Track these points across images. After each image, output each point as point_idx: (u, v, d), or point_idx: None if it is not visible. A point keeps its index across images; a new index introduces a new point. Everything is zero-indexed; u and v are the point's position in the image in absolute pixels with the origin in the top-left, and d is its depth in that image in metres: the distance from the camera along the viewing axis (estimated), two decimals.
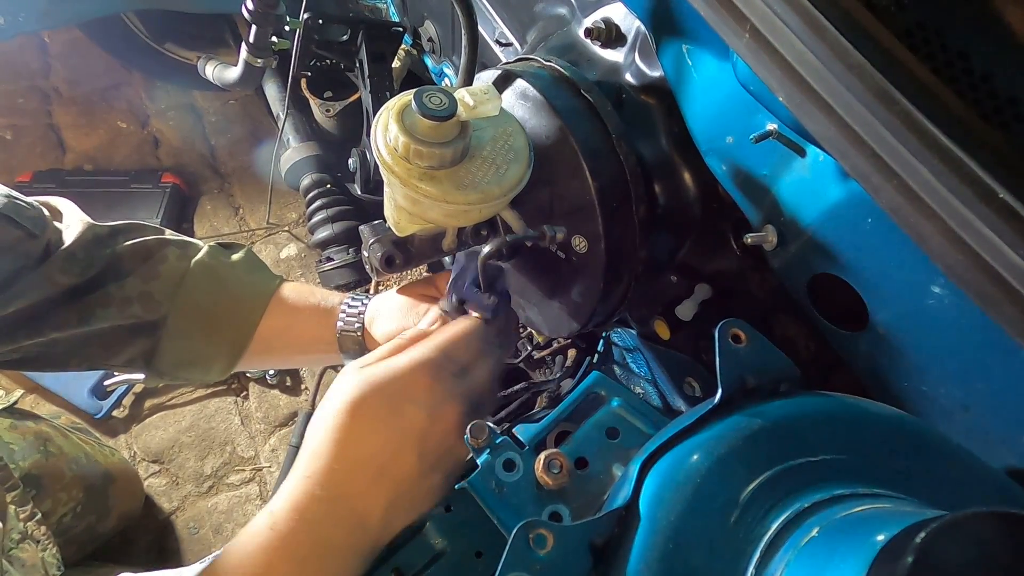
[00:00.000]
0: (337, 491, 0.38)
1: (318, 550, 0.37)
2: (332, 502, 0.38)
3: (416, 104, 0.42)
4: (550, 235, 0.49)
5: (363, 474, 0.38)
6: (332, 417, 0.40)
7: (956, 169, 0.24)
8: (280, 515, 0.38)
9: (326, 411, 0.40)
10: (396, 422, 0.39)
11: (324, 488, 0.38)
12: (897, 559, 0.22)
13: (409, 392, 0.40)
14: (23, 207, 0.52)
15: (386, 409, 0.39)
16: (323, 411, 0.41)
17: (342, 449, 0.39)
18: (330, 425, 0.39)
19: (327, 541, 0.37)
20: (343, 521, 0.38)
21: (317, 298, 0.61)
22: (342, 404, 0.40)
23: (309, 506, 0.38)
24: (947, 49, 0.29)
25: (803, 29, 0.28)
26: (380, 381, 0.40)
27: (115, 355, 0.57)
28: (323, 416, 0.40)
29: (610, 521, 0.30)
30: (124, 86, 1.66)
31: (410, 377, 0.41)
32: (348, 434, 0.39)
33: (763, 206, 0.44)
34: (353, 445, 0.39)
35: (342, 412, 0.39)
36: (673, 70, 0.48)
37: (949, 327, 0.34)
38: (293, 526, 0.37)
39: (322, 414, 0.41)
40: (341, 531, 0.38)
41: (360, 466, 0.39)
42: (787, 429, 0.32)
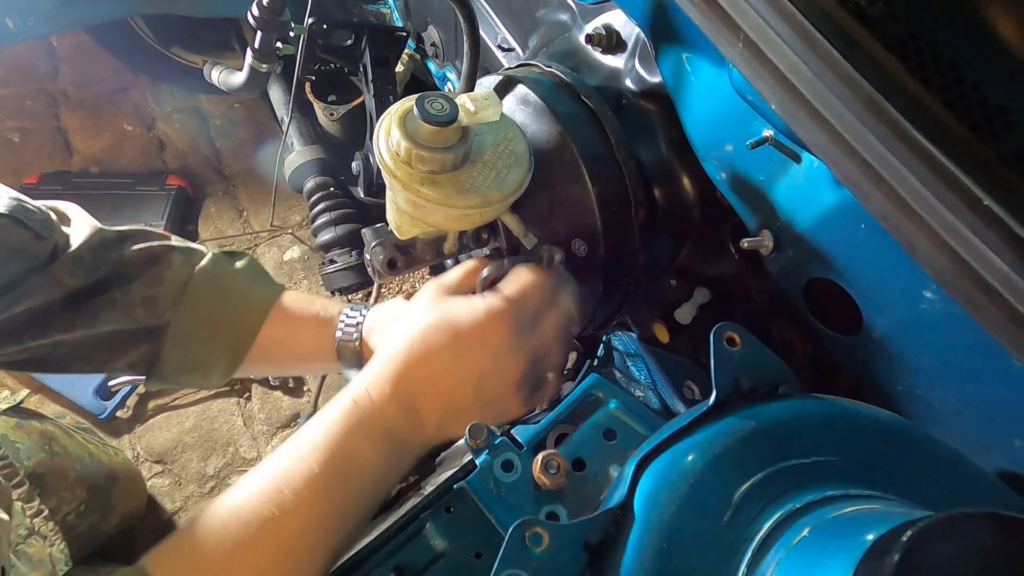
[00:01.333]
0: (406, 392, 0.45)
1: (390, 437, 0.44)
2: (400, 398, 0.45)
3: (418, 109, 0.43)
4: (547, 256, 0.51)
5: (428, 387, 0.45)
6: (410, 333, 0.46)
7: (943, 177, 0.25)
8: (362, 402, 0.44)
9: (405, 328, 0.47)
10: (463, 360, 0.45)
11: (397, 389, 0.45)
12: (884, 557, 0.22)
13: (481, 338, 0.45)
14: (31, 210, 0.53)
15: (458, 346, 0.45)
16: (401, 327, 0.47)
17: (414, 361, 0.45)
18: (407, 339, 0.46)
19: (396, 431, 0.44)
20: (410, 420, 0.45)
21: (317, 308, 0.62)
22: (421, 325, 0.46)
23: (385, 401, 0.44)
24: (938, 59, 0.30)
25: (795, 39, 0.28)
26: (458, 321, 0.46)
27: (118, 359, 0.58)
28: (403, 329, 0.47)
29: (605, 520, 0.31)
30: (130, 89, 1.67)
31: (485, 325, 0.46)
32: (420, 353, 0.45)
33: (760, 211, 0.45)
34: (424, 361, 0.45)
35: (419, 332, 0.46)
36: (672, 77, 0.49)
37: (941, 332, 0.35)
38: (372, 412, 0.44)
39: (404, 327, 0.47)
40: (407, 427, 0.45)
41: (427, 382, 0.45)
42: (780, 431, 0.32)
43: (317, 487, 0.41)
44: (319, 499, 0.41)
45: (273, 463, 0.43)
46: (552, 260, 0.51)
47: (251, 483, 0.42)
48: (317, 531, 0.41)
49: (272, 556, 0.40)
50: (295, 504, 0.40)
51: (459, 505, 0.47)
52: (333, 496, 0.42)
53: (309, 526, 0.41)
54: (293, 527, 0.40)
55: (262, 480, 0.42)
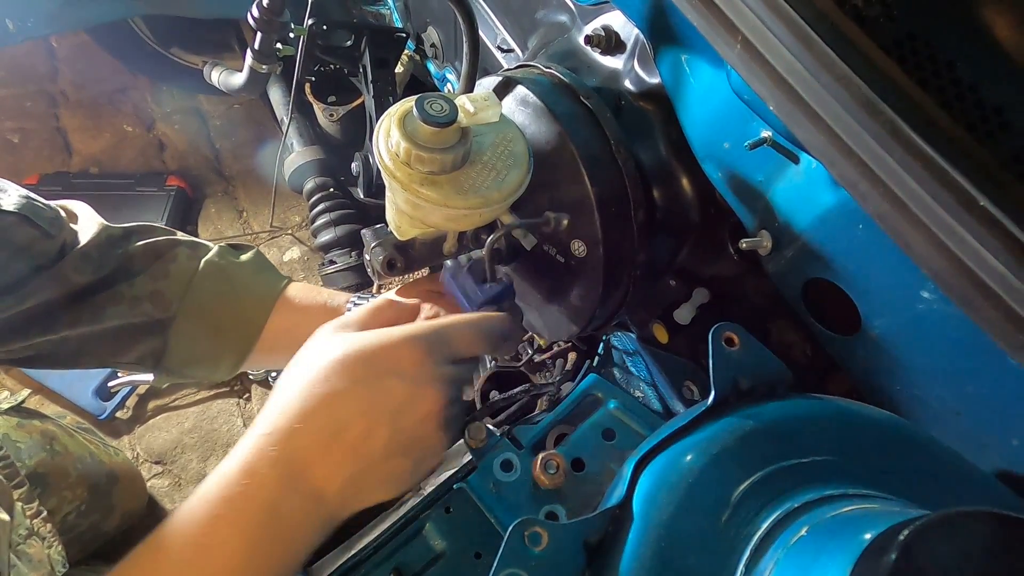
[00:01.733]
0: (294, 455, 0.35)
1: (267, 519, 0.34)
2: (287, 466, 0.35)
3: (417, 110, 0.43)
4: (554, 219, 0.48)
5: (327, 441, 0.35)
6: (305, 375, 0.36)
7: (939, 177, 0.25)
8: (231, 476, 0.35)
9: (300, 368, 0.37)
10: (374, 393, 0.36)
11: (281, 450, 0.35)
12: (881, 556, 0.22)
13: (396, 364, 0.37)
14: (40, 208, 0.53)
15: (368, 377, 0.36)
16: (296, 368, 0.38)
17: (309, 410, 0.35)
18: (302, 383, 0.36)
19: (277, 510, 0.35)
20: (297, 490, 0.35)
21: (323, 297, 0.62)
22: (320, 363, 0.37)
23: (262, 468, 0.35)
24: (935, 60, 0.30)
25: (792, 41, 0.28)
26: (368, 346, 0.37)
27: (125, 353, 0.58)
28: (295, 373, 0.37)
29: (604, 519, 0.31)
30: (130, 90, 1.67)
31: (401, 349, 0.37)
32: (319, 396, 0.36)
33: (758, 212, 0.45)
34: (322, 408, 0.35)
35: (318, 371, 0.36)
36: (671, 78, 0.49)
37: (939, 332, 0.35)
38: (242, 490, 0.34)
39: (295, 371, 0.38)
40: (294, 500, 0.35)
41: (325, 432, 0.35)
42: (779, 431, 0.33)
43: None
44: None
45: (139, 552, 0.36)
46: (560, 225, 0.49)
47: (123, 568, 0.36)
48: None
49: None
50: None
51: (458, 505, 0.47)
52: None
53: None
54: None
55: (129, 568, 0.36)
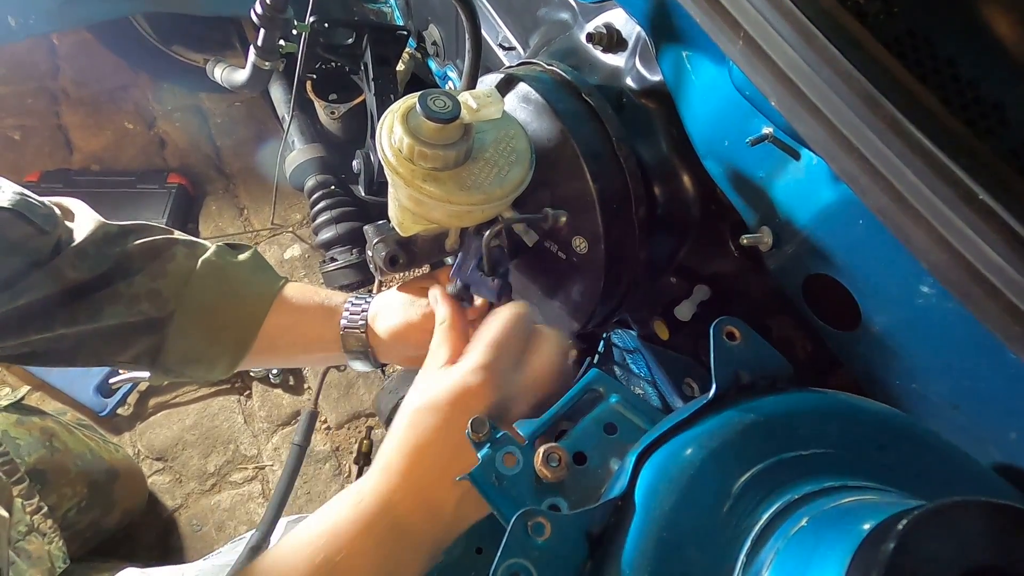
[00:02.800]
0: (415, 482, 0.42)
1: (397, 533, 0.41)
2: (410, 491, 0.41)
3: (420, 107, 0.43)
4: (552, 215, 0.50)
5: (435, 470, 0.42)
6: (407, 416, 0.44)
7: (939, 172, 0.25)
8: (367, 495, 0.41)
9: (405, 409, 0.45)
10: (454, 429, 0.41)
11: (404, 478, 0.42)
12: (879, 545, 0.23)
13: (464, 408, 0.43)
14: (35, 205, 0.53)
15: (444, 416, 0.43)
16: (404, 409, 0.45)
17: (420, 445, 0.43)
18: (405, 424, 0.44)
19: (405, 525, 0.41)
20: (419, 509, 0.41)
21: (321, 297, 0.63)
22: (415, 405, 0.44)
23: (391, 492, 0.41)
24: (935, 56, 0.30)
25: (794, 37, 0.29)
26: (439, 396, 0.44)
27: (122, 351, 0.58)
28: (402, 414, 0.45)
29: (606, 511, 0.31)
30: (131, 88, 1.67)
31: (472, 382, 0.43)
32: (424, 433, 0.43)
33: (759, 208, 0.45)
34: (430, 442, 0.42)
35: (413, 413, 0.44)
36: (672, 75, 0.49)
37: (938, 326, 0.35)
38: (377, 507, 0.41)
39: (402, 412, 0.45)
40: (418, 517, 0.41)
41: (431, 463, 0.42)
42: (779, 424, 0.33)
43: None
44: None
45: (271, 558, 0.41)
46: (557, 221, 0.50)
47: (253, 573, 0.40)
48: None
49: None
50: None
51: None
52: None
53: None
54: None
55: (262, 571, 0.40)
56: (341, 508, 0.42)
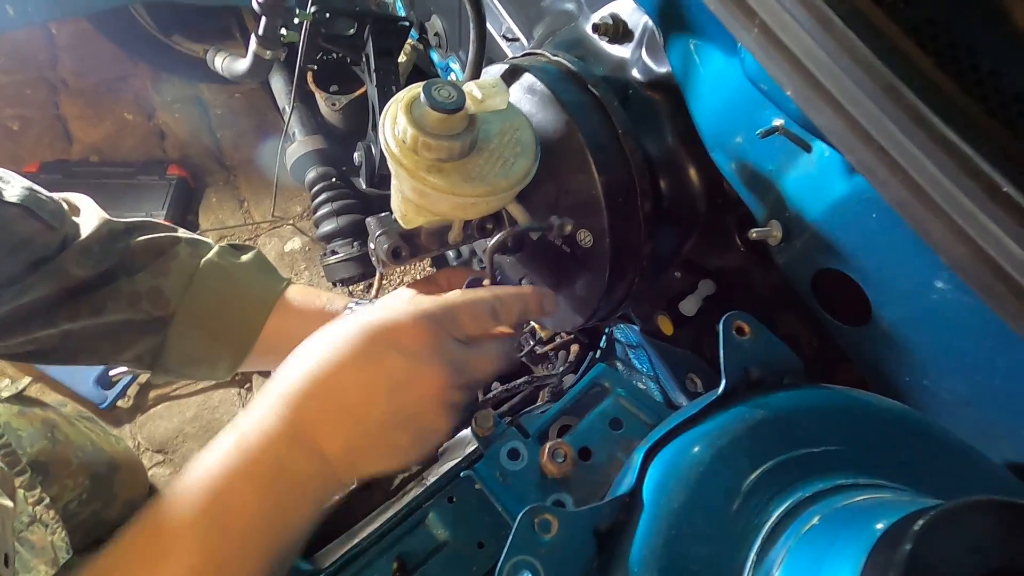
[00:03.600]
0: (303, 418, 0.38)
1: (277, 474, 0.37)
2: (293, 425, 0.38)
3: (425, 96, 0.42)
4: (558, 226, 0.49)
5: (329, 406, 0.38)
6: (316, 346, 0.40)
7: (961, 163, 0.25)
8: (247, 435, 0.38)
9: (314, 339, 0.40)
10: (375, 366, 0.38)
11: (292, 413, 0.38)
12: (896, 546, 0.22)
13: (397, 339, 0.39)
14: (43, 200, 0.53)
15: (371, 351, 0.38)
16: (310, 340, 0.41)
17: (317, 379, 0.38)
18: (313, 352, 0.39)
19: (289, 467, 0.37)
20: (307, 451, 0.38)
21: (323, 301, 0.62)
22: (331, 335, 0.40)
23: (276, 430, 0.38)
24: (955, 45, 0.29)
25: (812, 24, 0.28)
26: (373, 323, 0.39)
27: (123, 350, 0.58)
28: (308, 344, 0.40)
29: (614, 508, 0.31)
30: (131, 78, 1.66)
31: (404, 325, 0.39)
32: (325, 363, 0.38)
33: (768, 201, 0.45)
34: (328, 377, 0.38)
35: (326, 344, 0.39)
36: (680, 66, 0.48)
37: (952, 322, 0.35)
38: (256, 449, 0.37)
39: (309, 342, 0.41)
40: (303, 461, 0.38)
41: (330, 398, 0.38)
42: (789, 421, 0.32)
43: (194, 543, 0.36)
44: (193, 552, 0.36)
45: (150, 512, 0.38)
46: (563, 230, 0.50)
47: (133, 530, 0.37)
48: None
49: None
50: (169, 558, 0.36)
51: (461, 495, 0.47)
52: (207, 549, 0.36)
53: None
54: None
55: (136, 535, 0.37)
56: (219, 453, 0.38)
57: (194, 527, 0.36)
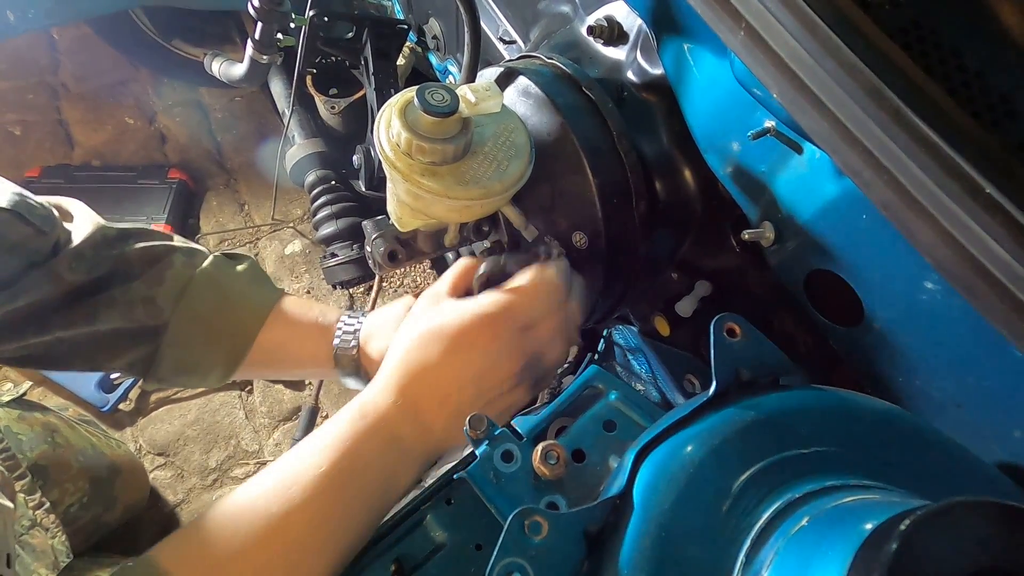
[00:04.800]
0: (409, 403, 0.46)
1: (396, 443, 0.46)
2: (405, 409, 0.46)
3: (419, 100, 0.43)
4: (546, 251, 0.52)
5: (430, 395, 0.47)
6: (407, 345, 0.48)
7: (945, 165, 0.25)
8: (368, 410, 0.46)
9: (404, 337, 0.49)
10: (459, 363, 0.47)
11: (400, 397, 0.46)
12: (882, 546, 0.22)
13: (472, 340, 0.47)
14: (33, 205, 0.53)
15: (452, 351, 0.47)
16: (402, 337, 0.49)
17: (415, 371, 0.47)
18: (404, 350, 0.48)
19: (402, 437, 0.46)
20: (413, 425, 0.46)
21: (316, 313, 0.62)
22: (416, 335, 0.48)
23: (390, 408, 0.46)
24: (941, 47, 0.29)
25: (797, 27, 0.28)
26: (446, 327, 0.47)
27: (116, 358, 0.58)
28: (400, 342, 0.49)
29: (604, 509, 0.31)
30: (132, 82, 1.67)
31: (474, 328, 0.47)
32: (420, 361, 0.47)
33: (761, 203, 0.45)
34: (424, 370, 0.47)
35: (416, 342, 0.48)
36: (674, 68, 0.49)
37: (942, 323, 0.35)
38: (378, 420, 0.46)
39: (401, 339, 0.49)
40: (411, 432, 0.46)
41: (429, 388, 0.47)
42: (780, 422, 0.32)
43: (324, 486, 0.42)
44: (326, 498, 0.42)
45: (282, 463, 0.44)
46: (551, 254, 0.51)
47: (261, 481, 0.43)
48: (323, 530, 0.42)
49: (280, 553, 0.41)
50: (302, 502, 0.42)
51: (459, 497, 0.47)
52: (340, 495, 0.43)
53: (316, 524, 0.42)
54: (300, 525, 0.41)
55: (271, 478, 0.43)
56: (345, 421, 0.46)
57: (325, 476, 0.43)
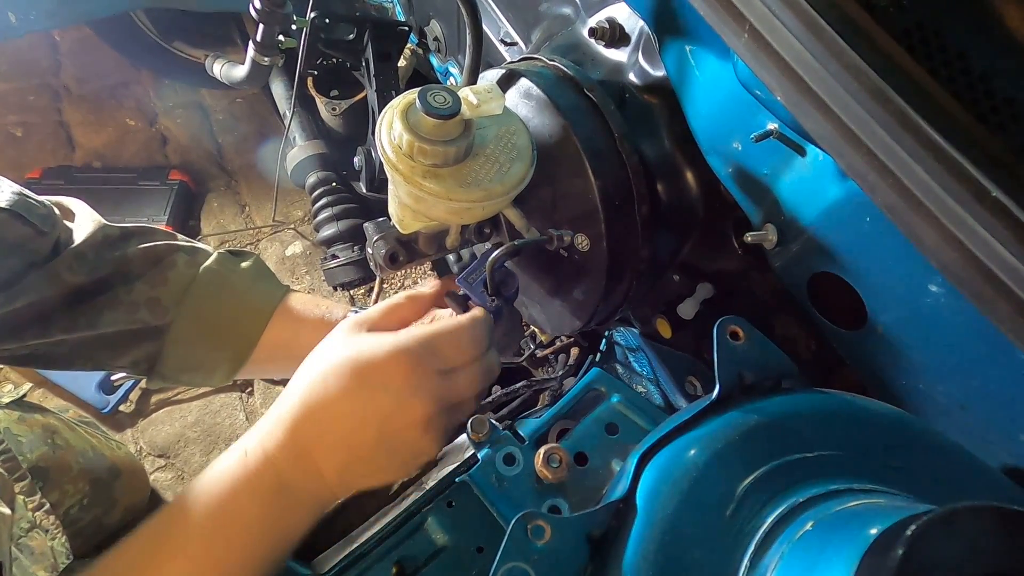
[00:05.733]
0: (302, 442, 0.42)
1: (280, 490, 0.41)
2: (293, 448, 0.42)
3: (420, 102, 0.43)
4: (557, 238, 0.49)
5: (326, 434, 0.42)
6: (311, 375, 0.43)
7: (950, 168, 0.25)
8: (251, 453, 0.42)
9: (310, 366, 0.44)
10: (364, 400, 0.41)
11: (291, 436, 0.42)
12: (888, 551, 0.22)
13: (383, 378, 0.42)
14: (33, 205, 0.52)
15: (358, 387, 0.42)
16: (308, 365, 0.44)
17: (313, 407, 0.42)
18: (308, 381, 0.43)
19: (288, 484, 0.41)
20: (304, 469, 0.42)
21: (322, 310, 0.62)
22: (323, 366, 0.43)
23: (277, 450, 0.42)
24: (946, 50, 0.29)
25: (801, 29, 0.28)
26: (361, 358, 0.42)
27: (119, 357, 0.58)
28: (305, 370, 0.44)
29: (607, 513, 0.31)
30: (133, 84, 1.67)
31: (388, 363, 0.42)
32: (320, 395, 0.42)
33: (764, 205, 0.45)
34: (323, 406, 0.42)
35: (320, 373, 0.43)
36: (676, 70, 0.49)
37: (946, 326, 0.35)
38: (260, 465, 0.41)
39: (306, 367, 0.44)
40: (301, 477, 0.42)
41: (325, 426, 0.42)
42: (784, 425, 0.32)
43: (197, 538, 0.40)
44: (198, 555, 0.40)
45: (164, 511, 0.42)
46: (562, 242, 0.50)
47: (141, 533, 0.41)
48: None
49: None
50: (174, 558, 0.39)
51: (460, 499, 0.47)
52: (213, 550, 0.40)
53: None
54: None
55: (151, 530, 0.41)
56: (226, 465, 0.42)
57: (200, 531, 0.40)
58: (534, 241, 0.50)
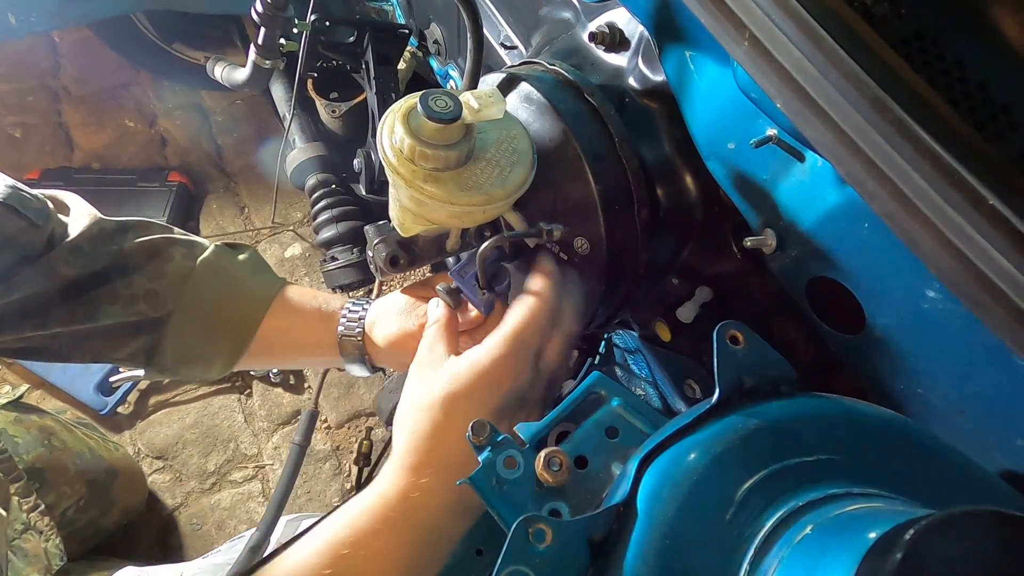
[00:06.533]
0: (441, 480, 0.42)
1: (421, 530, 0.42)
2: (430, 489, 0.42)
3: (422, 107, 0.43)
4: (547, 231, 0.50)
5: (455, 465, 0.42)
6: (425, 411, 0.43)
7: (948, 175, 0.25)
8: (392, 500, 0.42)
9: (417, 405, 0.44)
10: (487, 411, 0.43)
11: (429, 478, 0.42)
12: (887, 555, 0.22)
13: (495, 385, 0.43)
14: (27, 198, 0.52)
15: (475, 404, 0.43)
16: (413, 405, 0.45)
17: (439, 444, 0.43)
18: (424, 420, 0.43)
19: (433, 525, 0.42)
20: (448, 507, 0.42)
21: (319, 301, 0.62)
22: (434, 400, 0.44)
23: (416, 494, 0.42)
24: (943, 58, 0.30)
25: (800, 38, 0.28)
26: (467, 379, 0.44)
27: (118, 349, 0.58)
28: (415, 410, 0.44)
29: (608, 517, 0.31)
30: (132, 85, 1.67)
31: (494, 371, 0.44)
32: (443, 430, 0.43)
33: (763, 210, 0.45)
34: (450, 442, 0.42)
35: (434, 408, 0.43)
36: (675, 75, 0.49)
37: (944, 331, 0.35)
38: (403, 512, 0.42)
39: (412, 408, 0.44)
40: (445, 516, 0.42)
41: (458, 458, 0.42)
42: (783, 429, 0.32)
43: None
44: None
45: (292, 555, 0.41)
46: (551, 236, 0.50)
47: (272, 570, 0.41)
48: None
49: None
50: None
51: None
52: None
53: None
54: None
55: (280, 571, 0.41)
56: (360, 506, 0.42)
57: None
58: (523, 234, 0.51)
